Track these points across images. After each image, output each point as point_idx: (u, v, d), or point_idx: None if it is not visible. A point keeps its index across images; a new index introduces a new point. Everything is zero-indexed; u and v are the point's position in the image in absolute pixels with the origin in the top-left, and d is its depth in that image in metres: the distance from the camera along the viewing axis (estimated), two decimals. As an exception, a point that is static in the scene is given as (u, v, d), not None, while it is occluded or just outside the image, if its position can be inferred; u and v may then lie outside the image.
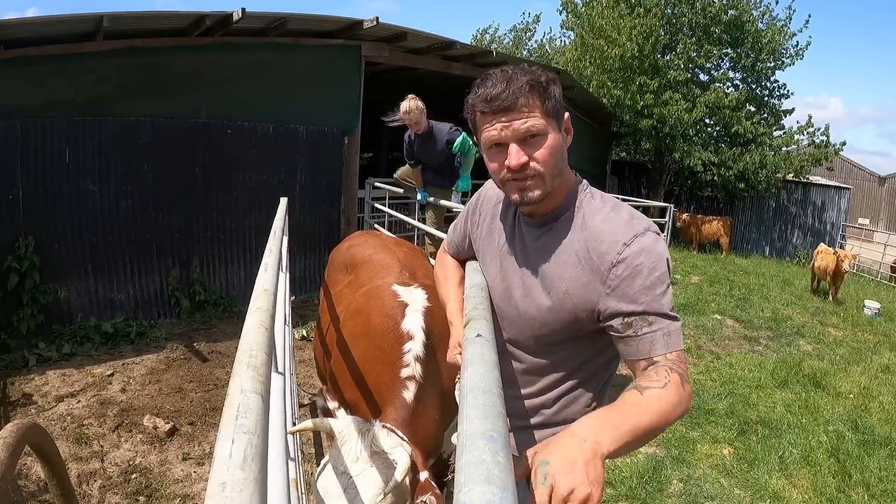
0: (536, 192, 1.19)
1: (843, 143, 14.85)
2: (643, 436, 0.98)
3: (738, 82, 14.97)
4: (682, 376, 1.08)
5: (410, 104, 4.80)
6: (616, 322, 1.16)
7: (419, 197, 5.42)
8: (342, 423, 1.61)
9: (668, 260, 1.18)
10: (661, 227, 9.83)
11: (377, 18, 6.41)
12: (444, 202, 5.28)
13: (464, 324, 1.14)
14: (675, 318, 1.15)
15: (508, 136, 1.16)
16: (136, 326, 5.41)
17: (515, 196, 1.23)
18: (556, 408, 1.37)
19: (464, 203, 5.03)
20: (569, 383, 1.35)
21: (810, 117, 14.90)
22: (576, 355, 1.33)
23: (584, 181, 1.31)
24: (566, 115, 1.24)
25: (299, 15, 6.01)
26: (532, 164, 1.17)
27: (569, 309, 1.22)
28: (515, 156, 1.17)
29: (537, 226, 1.30)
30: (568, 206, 1.26)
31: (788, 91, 15.15)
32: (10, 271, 4.85)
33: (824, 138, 14.63)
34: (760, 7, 14.54)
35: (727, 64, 15.01)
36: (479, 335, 1.00)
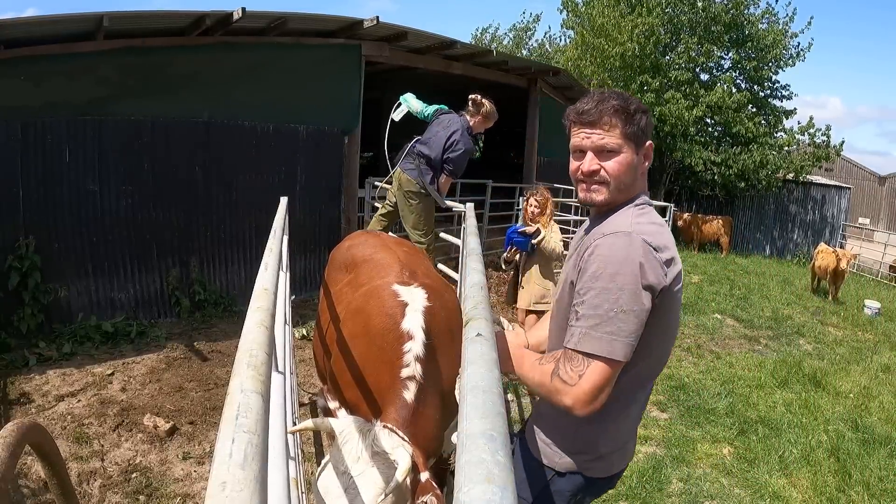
0: (599, 197, 1.41)
1: (842, 143, 14.85)
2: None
3: (739, 81, 14.95)
4: (555, 373, 1.29)
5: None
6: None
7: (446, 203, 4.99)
8: (343, 423, 1.61)
9: (639, 270, 1.26)
10: (662, 226, 9.81)
11: (377, 18, 6.41)
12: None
13: (464, 324, 1.14)
14: (601, 323, 1.24)
15: (587, 145, 1.38)
16: (136, 326, 5.41)
17: (581, 195, 1.45)
18: None
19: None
20: None
21: (811, 118, 14.93)
22: None
23: (645, 198, 1.47)
24: (648, 143, 1.43)
25: (299, 14, 6.01)
26: (602, 172, 1.38)
27: (573, 279, 1.39)
28: (589, 162, 1.39)
29: (593, 218, 1.51)
30: (615, 210, 1.43)
31: (791, 93, 15.14)
32: (11, 271, 4.85)
33: (825, 139, 14.63)
34: (761, 7, 14.53)
35: (728, 63, 15.00)
36: (478, 334, 1.00)
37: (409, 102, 4.78)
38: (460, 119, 4.64)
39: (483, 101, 4.61)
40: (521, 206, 5.90)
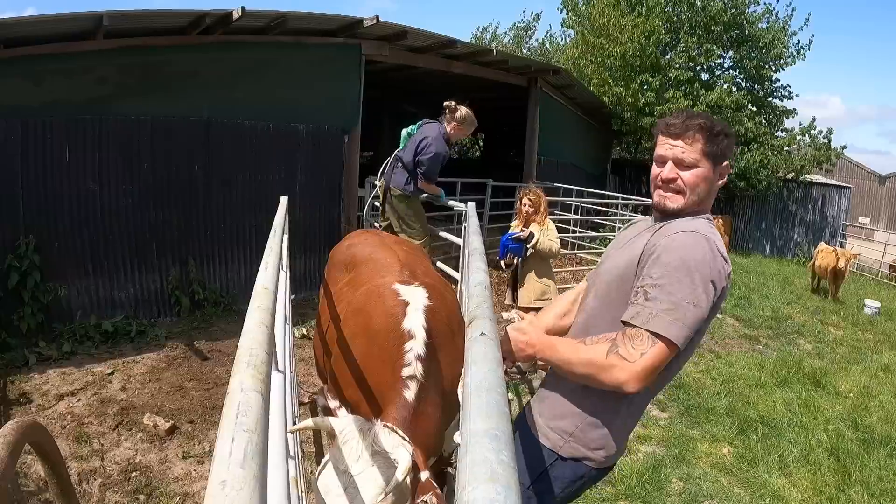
0: (673, 205, 1.51)
1: (844, 147, 14.86)
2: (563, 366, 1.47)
3: (739, 81, 14.94)
4: (613, 350, 1.35)
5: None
6: (635, 285, 1.42)
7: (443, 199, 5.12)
8: (343, 423, 1.60)
9: (709, 269, 1.36)
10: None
11: (377, 17, 6.40)
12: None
13: (467, 323, 1.13)
14: (674, 309, 1.32)
15: (669, 155, 1.50)
16: (136, 325, 5.41)
17: (656, 199, 1.55)
18: None
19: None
20: None
21: (813, 119, 14.94)
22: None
23: (710, 216, 1.56)
24: (726, 163, 1.53)
25: (299, 13, 6.01)
26: (679, 181, 1.49)
27: (630, 262, 1.48)
28: (668, 171, 1.50)
29: (655, 220, 1.60)
30: (681, 216, 1.52)
31: (792, 93, 15.13)
32: (10, 270, 4.85)
33: (826, 140, 14.63)
34: (761, 6, 14.53)
35: (728, 63, 15.00)
36: (482, 333, 1.00)
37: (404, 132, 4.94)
38: (438, 126, 4.76)
39: (458, 106, 4.71)
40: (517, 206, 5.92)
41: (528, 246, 4.43)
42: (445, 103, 4.71)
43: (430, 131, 4.74)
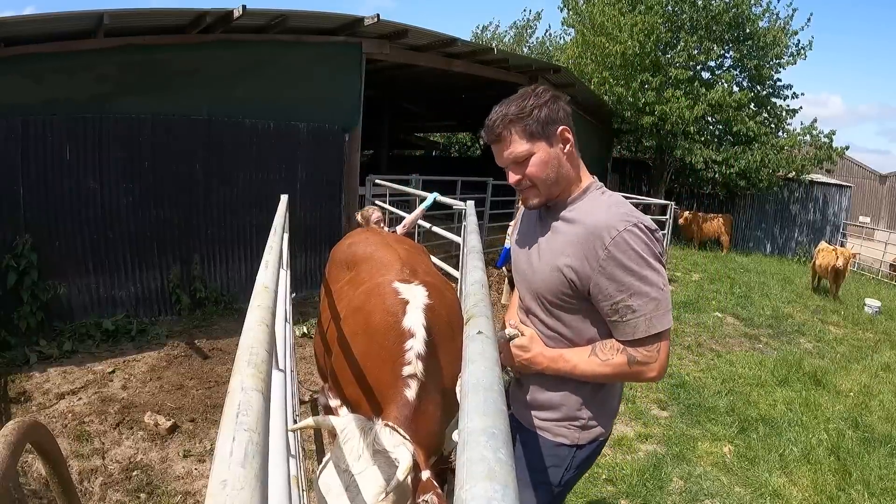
0: (535, 200, 1.50)
1: (846, 147, 14.83)
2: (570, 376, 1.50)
3: (740, 80, 14.92)
4: (633, 361, 1.41)
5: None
6: (604, 305, 1.42)
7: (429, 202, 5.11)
8: (344, 422, 1.60)
9: (653, 248, 1.39)
10: (662, 224, 9.82)
11: (378, 16, 6.40)
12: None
13: (465, 321, 1.13)
14: (658, 303, 1.37)
15: (503, 162, 1.49)
16: (136, 324, 5.42)
17: (525, 203, 1.55)
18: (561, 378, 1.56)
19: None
20: None
21: (815, 120, 14.91)
22: (582, 330, 1.53)
23: (597, 181, 1.55)
24: (560, 128, 1.46)
25: (300, 12, 6.00)
26: (525, 180, 1.47)
27: (568, 278, 1.45)
28: (511, 176, 1.50)
29: (553, 211, 1.55)
30: (578, 199, 1.50)
31: (794, 92, 15.10)
32: (8, 269, 4.85)
33: (827, 140, 14.61)
34: (762, 5, 14.49)
35: (729, 62, 14.97)
36: (479, 332, 1.00)
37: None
38: None
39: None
40: (518, 205, 5.92)
41: None
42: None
43: None
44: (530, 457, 1.63)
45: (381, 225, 4.50)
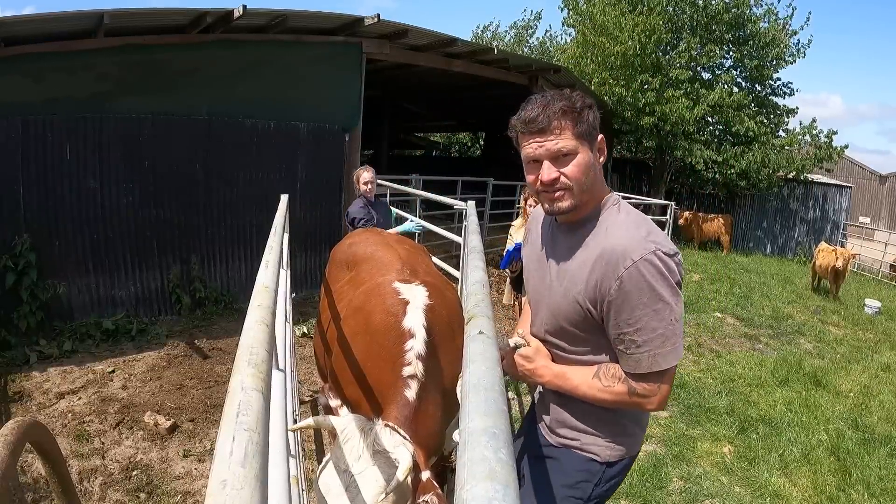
0: (565, 204, 1.37)
1: (846, 147, 14.84)
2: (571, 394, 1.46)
3: (740, 80, 14.92)
4: (633, 392, 1.36)
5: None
6: (612, 332, 1.36)
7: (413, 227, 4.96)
8: (344, 422, 1.60)
9: (670, 278, 1.31)
10: (663, 224, 9.82)
11: (378, 16, 6.40)
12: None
13: (466, 321, 1.13)
14: (665, 340, 1.30)
15: (542, 153, 1.34)
16: (136, 323, 5.42)
17: (547, 206, 1.41)
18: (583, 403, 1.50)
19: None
20: None
21: (814, 120, 14.92)
22: (593, 353, 1.47)
23: (616, 195, 1.45)
24: (600, 137, 1.39)
25: (300, 12, 6.01)
26: (562, 178, 1.35)
27: (584, 308, 1.39)
28: (547, 171, 1.34)
29: (568, 230, 1.46)
30: (594, 216, 1.41)
31: (794, 89, 15.10)
32: (6, 269, 4.85)
33: (827, 140, 14.62)
34: (762, 6, 14.50)
35: (729, 62, 14.98)
36: (480, 332, 1.00)
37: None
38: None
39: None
40: (520, 205, 5.92)
41: None
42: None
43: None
44: (560, 473, 1.58)
45: (370, 187, 4.56)
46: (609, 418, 1.50)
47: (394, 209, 5.14)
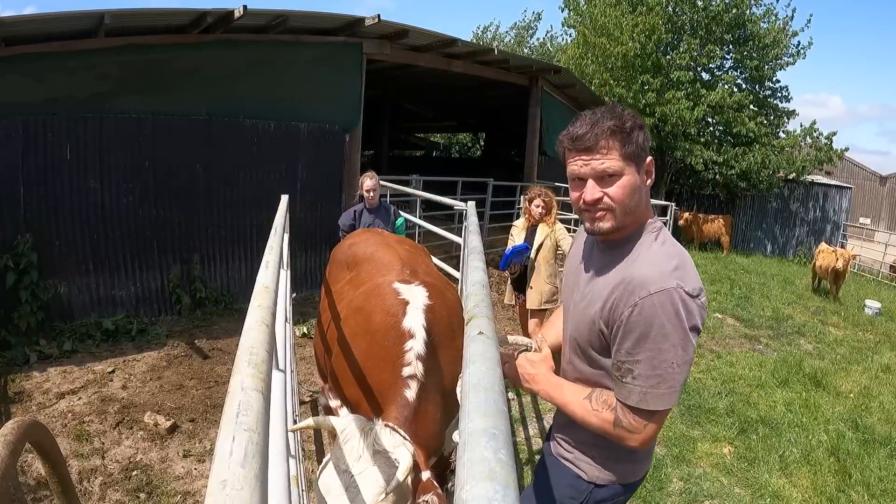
0: (606, 225, 1.35)
1: (846, 149, 14.85)
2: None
3: (740, 81, 14.94)
4: (618, 424, 1.33)
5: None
6: (613, 357, 1.35)
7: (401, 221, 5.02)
8: (344, 422, 1.60)
9: (685, 320, 1.26)
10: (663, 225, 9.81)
11: (378, 16, 6.40)
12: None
13: (466, 322, 1.13)
14: (661, 382, 1.27)
15: (587, 172, 1.32)
16: (136, 323, 5.42)
17: (588, 225, 1.39)
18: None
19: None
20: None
21: (814, 122, 14.95)
22: (603, 377, 1.45)
23: (659, 222, 1.43)
24: (648, 159, 1.36)
25: (300, 12, 6.01)
26: (605, 199, 1.32)
27: (598, 329, 1.39)
28: (591, 191, 1.32)
29: (605, 249, 1.45)
30: (633, 240, 1.38)
31: (789, 94, 15.17)
32: (7, 269, 4.85)
33: (827, 142, 14.63)
34: (762, 7, 14.52)
35: (729, 63, 14.99)
36: (480, 332, 1.00)
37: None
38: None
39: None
40: (521, 205, 5.92)
41: (529, 255, 4.45)
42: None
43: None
44: (553, 483, 1.59)
45: (371, 194, 4.59)
46: (602, 442, 1.45)
47: (402, 214, 5.12)
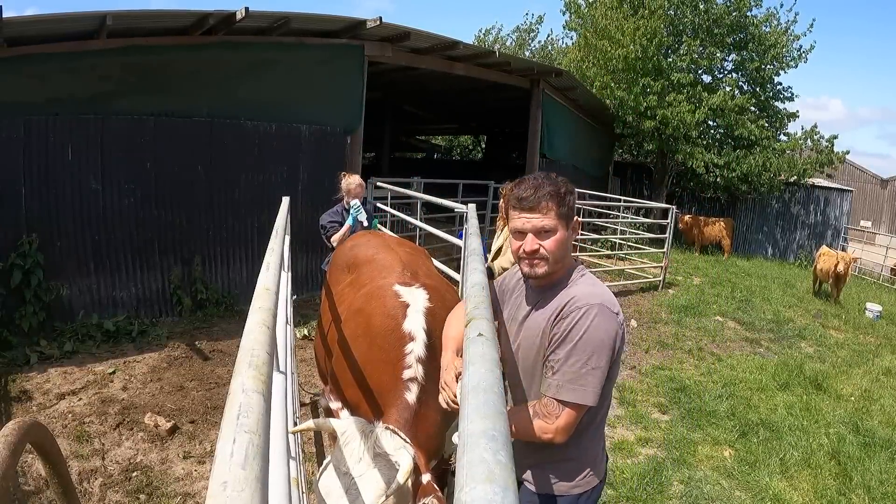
0: (541, 270, 1.60)
1: (847, 152, 14.85)
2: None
3: (742, 84, 14.94)
4: (535, 416, 1.53)
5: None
6: (547, 352, 1.58)
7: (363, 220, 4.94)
8: (344, 424, 1.61)
9: (606, 332, 1.51)
10: (664, 228, 9.81)
11: (380, 18, 6.41)
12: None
13: (465, 323, 1.14)
14: (575, 379, 1.49)
15: (529, 228, 1.57)
16: (137, 325, 5.42)
17: (525, 269, 1.63)
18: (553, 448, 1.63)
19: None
20: None
21: (815, 125, 14.94)
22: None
23: (581, 266, 1.72)
24: (577, 218, 1.66)
25: (302, 14, 6.02)
26: (541, 250, 1.57)
27: (541, 342, 1.61)
28: (530, 243, 1.57)
29: (540, 291, 1.68)
30: (564, 280, 1.65)
31: (793, 93, 15.13)
32: (13, 268, 4.86)
33: (828, 144, 14.62)
34: (763, 9, 14.52)
35: (730, 65, 15.00)
36: (480, 334, 1.00)
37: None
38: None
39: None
40: (497, 225, 5.96)
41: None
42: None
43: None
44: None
45: (357, 192, 4.76)
46: (567, 453, 1.65)
47: (376, 219, 5.10)
